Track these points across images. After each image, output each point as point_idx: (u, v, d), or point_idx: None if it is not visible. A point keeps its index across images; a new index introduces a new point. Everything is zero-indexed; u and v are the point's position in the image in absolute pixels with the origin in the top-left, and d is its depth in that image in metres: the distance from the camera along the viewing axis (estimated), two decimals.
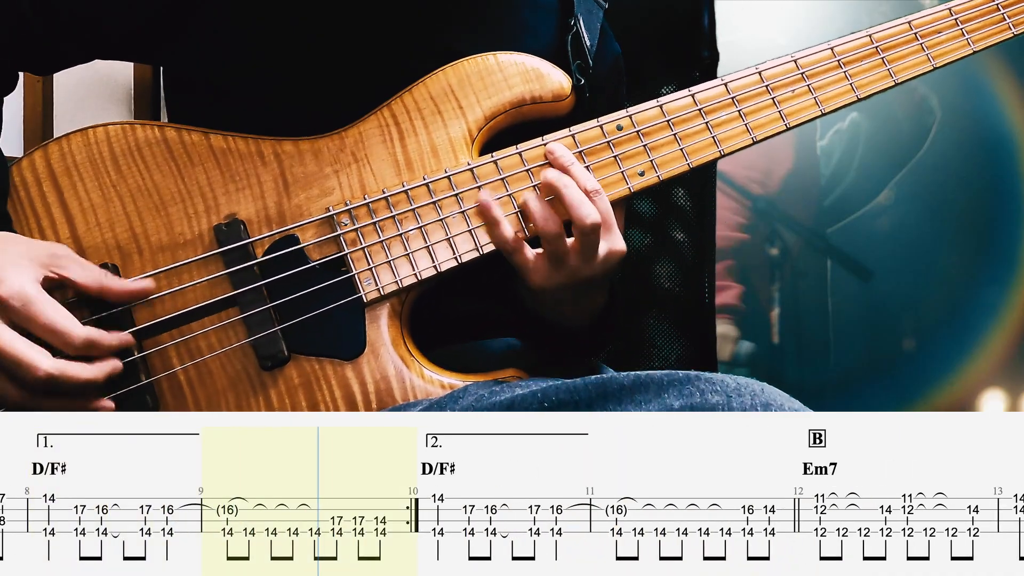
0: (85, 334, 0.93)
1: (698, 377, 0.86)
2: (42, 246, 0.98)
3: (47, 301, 0.92)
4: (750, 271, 2.58)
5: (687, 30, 1.54)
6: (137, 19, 1.12)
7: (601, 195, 1.06)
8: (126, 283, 1.00)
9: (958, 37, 1.19)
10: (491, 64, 1.11)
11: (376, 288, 1.05)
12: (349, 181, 1.07)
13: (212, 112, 1.11)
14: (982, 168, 2.63)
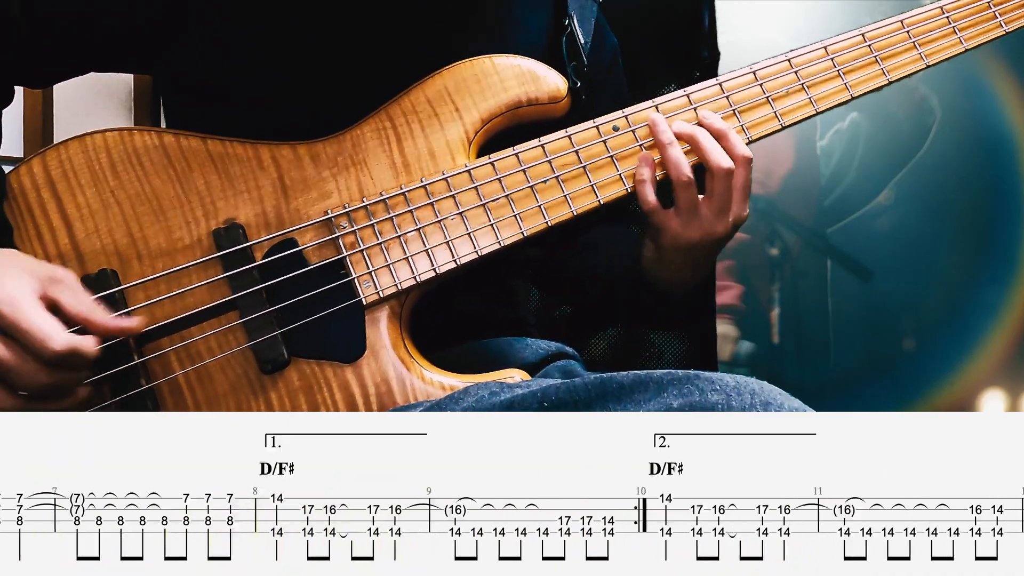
0: (66, 340, 0.92)
1: (697, 376, 0.86)
2: (45, 267, 0.98)
3: (34, 308, 0.92)
4: (750, 271, 2.58)
5: (687, 30, 1.54)
6: (131, 24, 1.12)
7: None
8: (111, 320, 0.98)
9: (950, 35, 1.20)
10: (487, 67, 1.12)
11: (375, 291, 1.05)
12: (347, 184, 1.07)
13: (210, 116, 1.11)
14: (982, 168, 2.63)
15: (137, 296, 1.03)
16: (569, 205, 1.10)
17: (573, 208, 1.10)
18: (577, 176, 1.11)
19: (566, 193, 1.10)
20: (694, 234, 1.13)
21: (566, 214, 1.10)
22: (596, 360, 1.57)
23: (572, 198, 1.10)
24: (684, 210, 1.12)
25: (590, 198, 1.11)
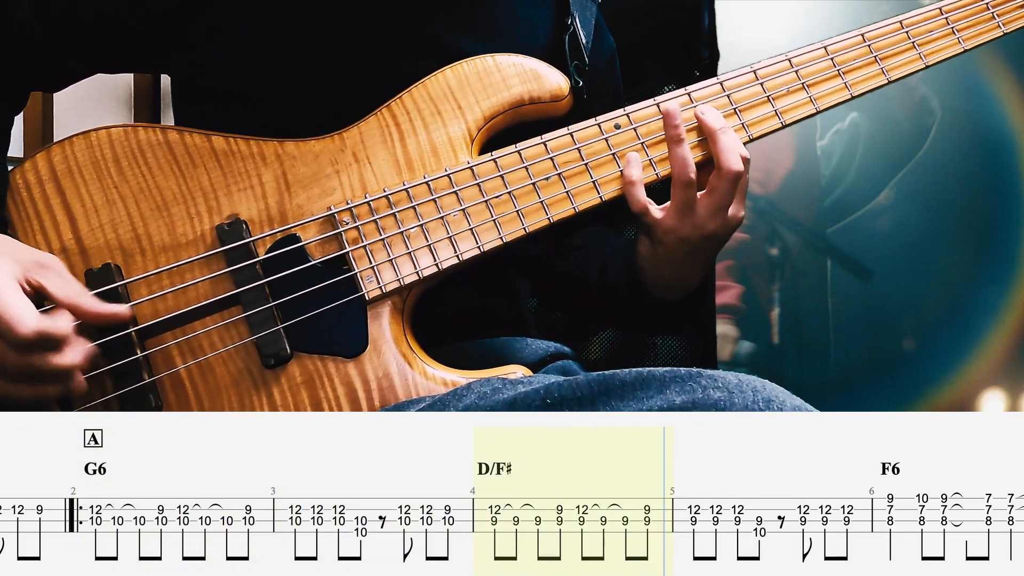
0: (34, 324, 0.91)
1: (700, 374, 0.86)
2: (31, 252, 0.98)
3: (11, 291, 0.91)
4: (750, 271, 2.58)
5: (687, 30, 1.55)
6: (138, 26, 1.12)
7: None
8: (99, 305, 0.98)
9: (949, 36, 1.20)
10: (490, 65, 1.12)
11: (378, 286, 1.05)
12: (350, 181, 1.08)
13: (217, 115, 1.11)
14: (982, 168, 2.63)
15: (140, 291, 1.03)
16: (571, 202, 1.10)
17: (575, 205, 1.10)
18: (579, 173, 1.11)
19: (568, 189, 1.10)
20: (684, 230, 1.12)
21: (568, 210, 1.10)
22: (595, 360, 1.58)
23: (574, 194, 1.11)
24: (680, 207, 1.11)
25: (592, 195, 1.11)
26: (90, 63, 1.17)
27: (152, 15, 1.11)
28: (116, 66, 1.23)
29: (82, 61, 1.16)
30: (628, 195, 1.12)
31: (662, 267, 1.18)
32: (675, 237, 1.12)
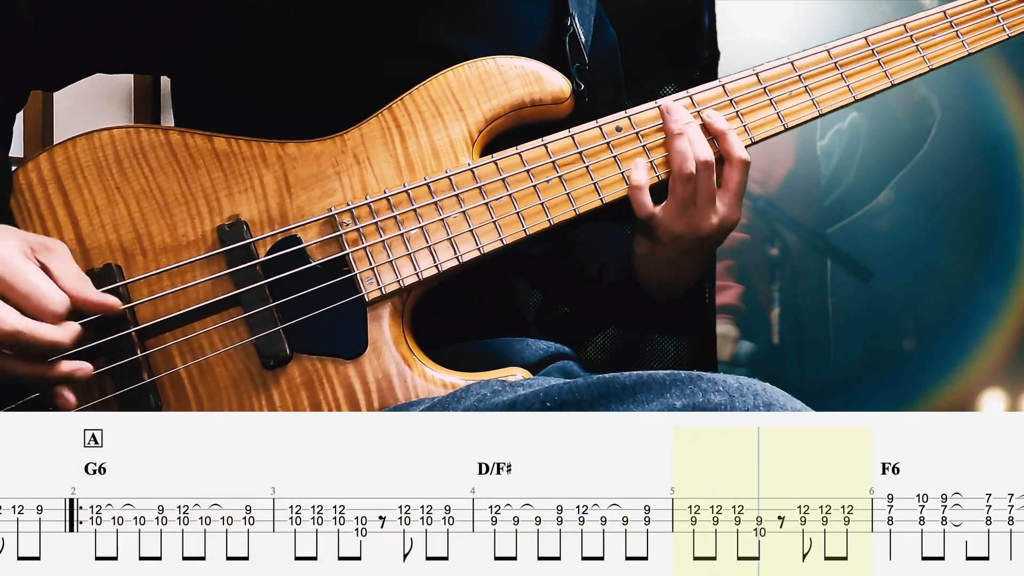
0: (63, 297, 0.93)
1: (700, 377, 0.86)
2: (37, 236, 0.99)
3: (31, 269, 0.93)
4: (750, 271, 2.58)
5: (687, 30, 1.55)
6: (138, 26, 1.12)
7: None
8: (96, 294, 0.99)
9: (953, 39, 1.20)
10: (491, 67, 1.12)
11: (378, 287, 1.06)
12: (351, 182, 1.08)
13: (218, 116, 1.11)
14: (982, 168, 2.63)
15: (141, 291, 1.03)
16: (572, 204, 1.10)
17: (576, 207, 1.10)
18: (580, 175, 1.11)
19: (568, 192, 1.11)
20: (680, 227, 1.13)
21: (568, 212, 1.10)
22: (595, 360, 1.58)
23: (575, 197, 1.11)
24: (679, 203, 1.12)
25: (592, 197, 1.11)
26: (90, 63, 1.17)
27: (152, 15, 1.11)
28: (116, 66, 1.23)
29: (82, 61, 1.16)
30: (634, 200, 1.12)
31: (658, 266, 1.19)
32: (672, 236, 1.13)
